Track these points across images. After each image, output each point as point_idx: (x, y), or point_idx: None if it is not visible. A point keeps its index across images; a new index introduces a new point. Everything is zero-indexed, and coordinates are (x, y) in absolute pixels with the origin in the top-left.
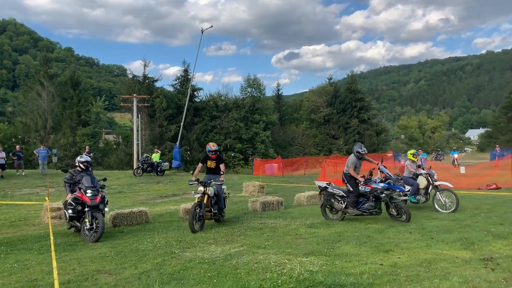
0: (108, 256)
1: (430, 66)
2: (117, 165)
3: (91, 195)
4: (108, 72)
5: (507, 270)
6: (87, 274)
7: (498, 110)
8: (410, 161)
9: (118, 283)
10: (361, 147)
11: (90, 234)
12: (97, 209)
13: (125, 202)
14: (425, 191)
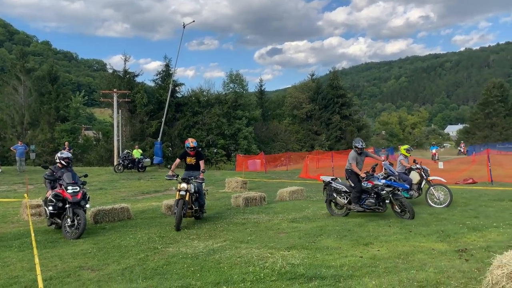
0: (90, 252)
1: (410, 63)
2: (97, 161)
3: (72, 192)
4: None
5: (480, 261)
6: (70, 271)
7: (475, 107)
8: (403, 156)
9: (101, 279)
10: (359, 141)
11: (72, 230)
12: (78, 206)
13: (106, 199)
14: (417, 186)
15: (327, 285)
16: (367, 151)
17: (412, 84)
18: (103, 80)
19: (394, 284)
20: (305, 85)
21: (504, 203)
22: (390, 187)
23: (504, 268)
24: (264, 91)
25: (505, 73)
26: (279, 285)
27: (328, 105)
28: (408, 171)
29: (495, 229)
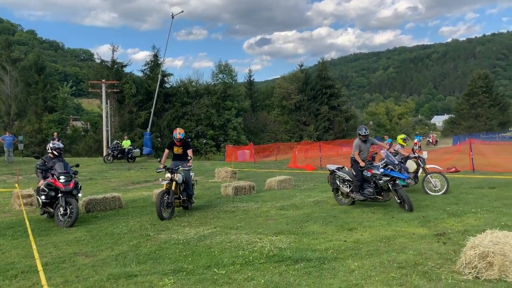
0: (84, 239)
1: (398, 54)
2: (85, 152)
3: (64, 181)
4: (74, 57)
5: (456, 243)
6: (64, 257)
7: (461, 97)
8: (400, 146)
9: (96, 264)
10: (362, 129)
11: (64, 219)
12: (70, 195)
13: (97, 189)
14: (414, 174)
15: (313, 266)
16: (373, 139)
17: (399, 75)
18: (91, 70)
19: (375, 265)
20: (294, 76)
21: (483, 190)
22: (388, 176)
23: (476, 249)
24: (253, 81)
25: (490, 64)
26: (267, 267)
27: (316, 96)
28: (405, 160)
29: (473, 214)
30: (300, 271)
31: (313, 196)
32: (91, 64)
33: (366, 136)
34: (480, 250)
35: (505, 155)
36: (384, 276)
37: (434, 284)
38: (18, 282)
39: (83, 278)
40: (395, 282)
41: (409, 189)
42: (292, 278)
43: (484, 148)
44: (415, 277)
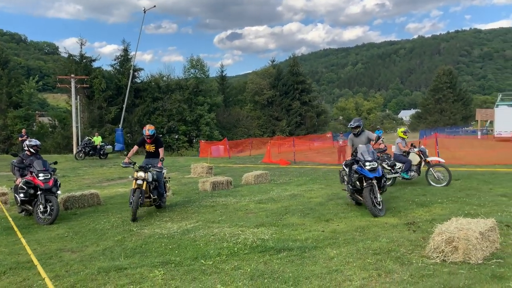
0: (67, 236)
1: (366, 50)
2: (54, 149)
3: (43, 179)
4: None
5: (425, 231)
6: (50, 253)
7: (427, 93)
8: (401, 139)
9: (83, 259)
10: (352, 121)
11: (44, 217)
12: (50, 192)
13: (71, 186)
14: (417, 167)
15: (294, 255)
16: (369, 133)
17: (368, 70)
18: (58, 64)
19: (352, 253)
20: (266, 71)
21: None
22: (357, 173)
23: (443, 235)
24: (225, 76)
25: (454, 61)
26: (252, 257)
27: (288, 91)
28: (407, 154)
29: (439, 204)
30: (283, 259)
31: (289, 190)
32: (58, 58)
33: (356, 129)
34: (446, 235)
35: (468, 148)
36: (361, 262)
37: (406, 268)
38: (8, 278)
39: (73, 272)
40: (371, 267)
41: (411, 181)
42: (276, 266)
43: (449, 141)
44: (389, 262)
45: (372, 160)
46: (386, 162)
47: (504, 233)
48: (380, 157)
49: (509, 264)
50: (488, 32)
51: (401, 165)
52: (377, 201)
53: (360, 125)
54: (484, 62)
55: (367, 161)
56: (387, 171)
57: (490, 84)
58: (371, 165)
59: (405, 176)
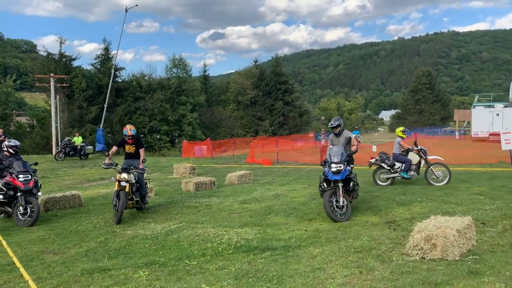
0: (49, 238)
1: (348, 51)
2: (32, 149)
3: (24, 180)
4: (14, 48)
5: (405, 229)
6: (32, 255)
7: (406, 93)
8: (400, 138)
9: (66, 260)
10: (331, 120)
11: (24, 218)
12: (30, 194)
13: (51, 187)
14: (416, 166)
15: (278, 254)
16: (348, 132)
17: (349, 71)
18: (37, 63)
19: (335, 251)
20: (249, 71)
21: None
22: (324, 175)
23: (422, 233)
24: (208, 76)
25: (433, 62)
26: (236, 257)
27: (271, 92)
28: (406, 152)
29: (419, 203)
30: (267, 259)
31: (273, 189)
32: (36, 56)
33: (337, 128)
34: (425, 233)
35: (446, 148)
36: (343, 260)
37: (387, 265)
38: None
39: (56, 274)
40: (353, 265)
41: (410, 181)
42: (260, 265)
43: (428, 141)
44: (370, 259)
45: (338, 162)
46: (385, 162)
47: (480, 231)
48: (380, 157)
49: (484, 260)
50: (466, 35)
51: (401, 164)
52: (339, 205)
53: (340, 124)
54: (461, 63)
55: (333, 162)
56: (386, 171)
57: (467, 85)
58: (337, 167)
59: (405, 175)
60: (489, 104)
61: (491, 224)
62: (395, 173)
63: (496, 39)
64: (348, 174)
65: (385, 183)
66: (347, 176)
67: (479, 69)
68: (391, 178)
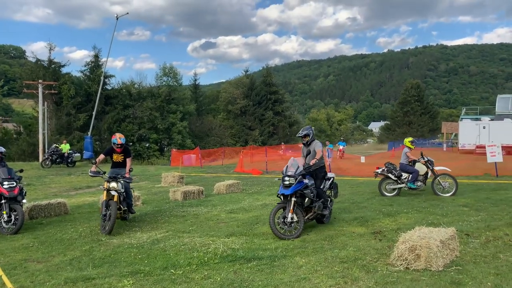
0: (32, 246)
1: (338, 62)
2: (18, 156)
3: (8, 187)
4: (2, 53)
5: (391, 240)
6: (14, 263)
7: (395, 105)
8: (408, 148)
9: (49, 269)
10: (301, 129)
11: (8, 226)
12: (15, 201)
13: (36, 195)
14: (423, 177)
15: (264, 264)
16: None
17: (339, 82)
18: (25, 69)
19: (320, 261)
20: (239, 81)
21: (414, 192)
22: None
23: (406, 243)
24: (199, 85)
25: (422, 75)
26: (222, 267)
27: (261, 101)
28: (413, 163)
29: (405, 214)
30: (253, 268)
31: (261, 199)
32: (25, 62)
33: (304, 138)
34: (409, 244)
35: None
36: (328, 270)
37: (371, 275)
38: None
39: (39, 283)
40: (338, 275)
41: (417, 191)
42: (246, 275)
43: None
44: (355, 270)
45: (291, 176)
46: (392, 172)
47: (463, 242)
48: (386, 167)
49: (467, 271)
50: (454, 48)
51: (408, 175)
52: (286, 220)
53: (309, 134)
54: (450, 77)
55: (286, 175)
56: (392, 181)
57: (455, 98)
58: (289, 180)
59: (412, 186)
60: (476, 117)
61: (475, 236)
62: (401, 184)
63: (483, 53)
64: (302, 188)
65: (391, 193)
66: (300, 191)
67: (467, 82)
68: (398, 189)
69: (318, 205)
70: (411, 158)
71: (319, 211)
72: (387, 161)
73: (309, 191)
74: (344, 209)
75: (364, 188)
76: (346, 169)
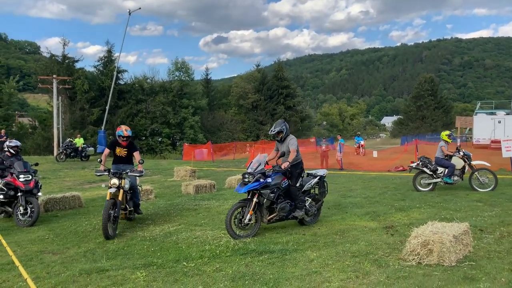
0: (48, 238)
1: (351, 56)
2: (34, 150)
3: (24, 180)
4: (18, 49)
5: (403, 235)
6: (31, 255)
7: (409, 99)
8: (444, 142)
9: (64, 261)
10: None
11: (25, 219)
12: (30, 194)
13: (51, 188)
14: (460, 172)
15: (275, 257)
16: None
17: (352, 76)
18: (40, 64)
19: (332, 255)
20: (251, 75)
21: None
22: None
23: (419, 238)
24: (210, 80)
25: (436, 69)
26: (234, 259)
27: (273, 96)
28: (450, 158)
29: (417, 209)
30: (264, 262)
31: None
32: (39, 58)
33: (279, 135)
34: (422, 239)
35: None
36: (340, 264)
37: (383, 270)
38: None
39: (54, 274)
40: (350, 269)
41: (453, 186)
42: (257, 268)
43: (429, 148)
44: (367, 264)
45: (251, 173)
46: (428, 166)
47: (477, 237)
48: (422, 161)
49: (480, 267)
50: (469, 42)
51: (444, 169)
52: (243, 220)
53: (282, 131)
54: (464, 70)
55: (247, 172)
56: (427, 176)
57: (470, 92)
58: (248, 178)
59: (448, 180)
60: (491, 112)
61: (489, 231)
62: (437, 178)
63: (499, 46)
64: (260, 188)
65: (426, 188)
66: (258, 190)
67: (482, 76)
68: (433, 183)
69: (281, 207)
70: (447, 153)
71: (283, 213)
72: (422, 155)
73: (269, 191)
74: (356, 204)
75: (377, 183)
76: (358, 164)
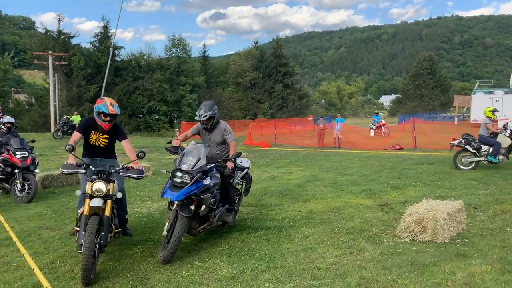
0: (46, 214)
1: (350, 34)
2: (31, 127)
3: (21, 157)
4: (12, 24)
5: (397, 212)
6: (29, 231)
7: (407, 78)
8: (489, 119)
9: (62, 236)
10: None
11: (22, 195)
12: (27, 171)
13: (49, 165)
14: (506, 150)
15: (271, 233)
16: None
17: (351, 54)
18: (35, 40)
19: (327, 232)
20: (249, 53)
21: (423, 166)
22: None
23: (413, 216)
24: (208, 57)
25: (435, 47)
26: (230, 235)
27: (271, 74)
28: (495, 135)
29: (413, 187)
30: (260, 238)
31: (269, 171)
32: (35, 33)
33: (206, 122)
34: (416, 216)
35: (444, 133)
36: (334, 241)
37: (377, 246)
38: None
39: (52, 250)
40: (344, 245)
41: (496, 166)
42: (253, 244)
43: (426, 127)
44: (361, 241)
45: (188, 171)
46: (471, 144)
47: (471, 215)
48: (464, 139)
49: (473, 244)
50: (469, 20)
51: (488, 147)
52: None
53: (213, 116)
54: (464, 49)
55: (179, 169)
56: (469, 154)
57: (469, 71)
58: (182, 178)
59: (493, 159)
60: (489, 91)
61: (483, 209)
62: (480, 157)
63: (500, 24)
64: (199, 192)
65: (468, 167)
66: (192, 196)
67: (482, 55)
68: (475, 162)
69: (219, 214)
70: (492, 130)
71: (219, 222)
72: (464, 132)
73: (209, 195)
74: (352, 182)
75: (373, 161)
76: (355, 142)
